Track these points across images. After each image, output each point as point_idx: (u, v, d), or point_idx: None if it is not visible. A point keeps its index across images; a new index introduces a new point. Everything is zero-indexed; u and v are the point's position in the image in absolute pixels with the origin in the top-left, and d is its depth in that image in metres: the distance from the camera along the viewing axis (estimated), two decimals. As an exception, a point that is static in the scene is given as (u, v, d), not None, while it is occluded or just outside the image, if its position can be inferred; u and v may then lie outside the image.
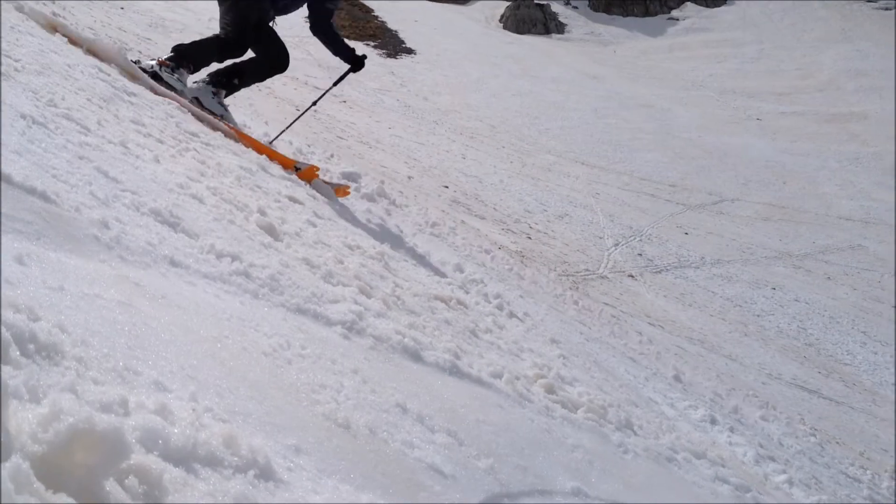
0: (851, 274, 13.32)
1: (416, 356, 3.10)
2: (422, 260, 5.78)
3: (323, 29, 6.16)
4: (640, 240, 12.84)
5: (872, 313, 11.62)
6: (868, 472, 5.81)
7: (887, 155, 20.64)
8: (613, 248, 11.91)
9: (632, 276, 10.64)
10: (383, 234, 5.98)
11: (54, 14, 5.50)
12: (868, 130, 22.68)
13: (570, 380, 3.86)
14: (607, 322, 7.44)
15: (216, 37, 5.92)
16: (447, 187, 11.95)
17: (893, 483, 5.89)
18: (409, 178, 11.38)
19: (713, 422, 4.87)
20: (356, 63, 6.41)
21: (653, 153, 19.21)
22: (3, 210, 2.18)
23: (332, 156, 9.14)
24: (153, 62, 5.75)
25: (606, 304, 8.67)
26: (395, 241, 6.04)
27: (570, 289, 8.70)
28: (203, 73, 6.04)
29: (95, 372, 1.67)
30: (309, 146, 9.10)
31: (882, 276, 13.41)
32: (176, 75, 5.72)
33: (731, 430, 4.89)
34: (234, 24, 5.85)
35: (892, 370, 9.54)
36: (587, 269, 10.18)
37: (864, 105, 24.91)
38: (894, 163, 19.12)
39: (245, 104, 10.30)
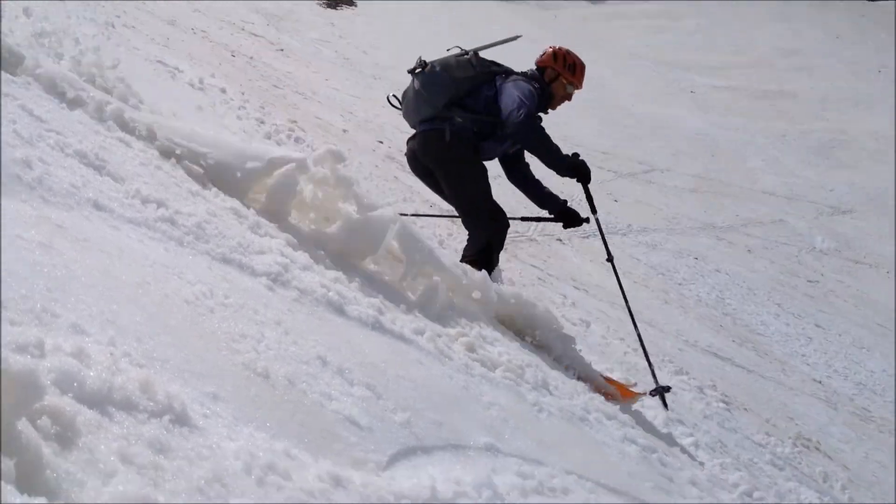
0: (771, 248, 13.74)
1: (339, 310, 3.13)
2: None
3: (521, 176, 5.43)
4: (570, 205, 12.97)
5: (788, 286, 12.03)
6: (772, 438, 6.06)
7: (813, 133, 21.23)
8: (544, 212, 12.04)
9: (560, 241, 10.79)
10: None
11: None
12: (796, 109, 23.26)
13: (491, 339, 3.94)
14: (533, 284, 7.57)
15: (483, 231, 5.05)
16: (382, 143, 11.90)
17: (796, 450, 6.16)
18: (344, 131, 11.30)
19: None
20: (566, 218, 5.49)
21: (587, 120, 19.39)
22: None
23: (263, 105, 9.01)
24: None
25: (534, 266, 8.80)
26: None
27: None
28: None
29: (13, 313, 1.67)
30: (243, 94, 8.97)
31: (800, 251, 13.86)
32: None
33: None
34: (484, 202, 5.10)
35: (804, 342, 9.92)
36: (517, 232, 10.29)
37: (795, 84, 25.50)
38: None
39: (181, 48, 10.08)
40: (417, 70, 5.10)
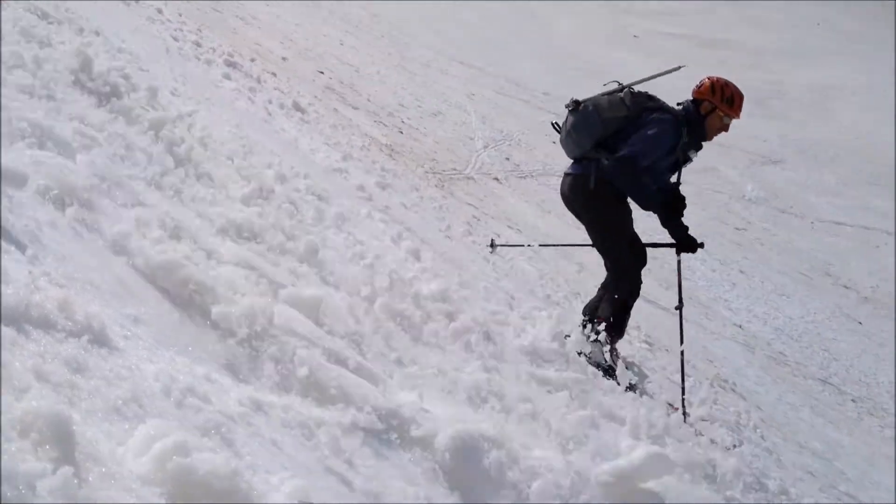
0: (702, 195, 13.99)
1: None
2: (290, 146, 5.74)
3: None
4: (510, 144, 13.03)
5: (716, 233, 12.29)
6: (690, 378, 6.24)
7: (750, 83, 21.50)
8: (482, 150, 12.06)
9: (497, 180, 10.85)
10: (249, 117, 5.89)
11: None
12: (736, 57, 23.47)
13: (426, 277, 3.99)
14: (467, 222, 7.62)
15: (625, 284, 4.99)
16: (322, 73, 11.72)
17: (713, 390, 6.37)
18: (284, 59, 11.09)
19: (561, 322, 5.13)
20: (683, 243, 5.24)
21: (531, 60, 19.33)
22: None
23: (200, 28, 8.77)
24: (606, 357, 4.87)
25: (469, 204, 8.84)
26: (263, 125, 5.96)
27: (436, 186, 8.82)
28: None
29: (-74, 227, 1.64)
30: (180, 15, 8.71)
31: (730, 199, 14.15)
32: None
33: (570, 334, 5.16)
34: (628, 249, 5.00)
35: (728, 287, 10.19)
36: (454, 169, 10.31)
37: (737, 33, 25.73)
38: None
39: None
40: (570, 108, 5.04)
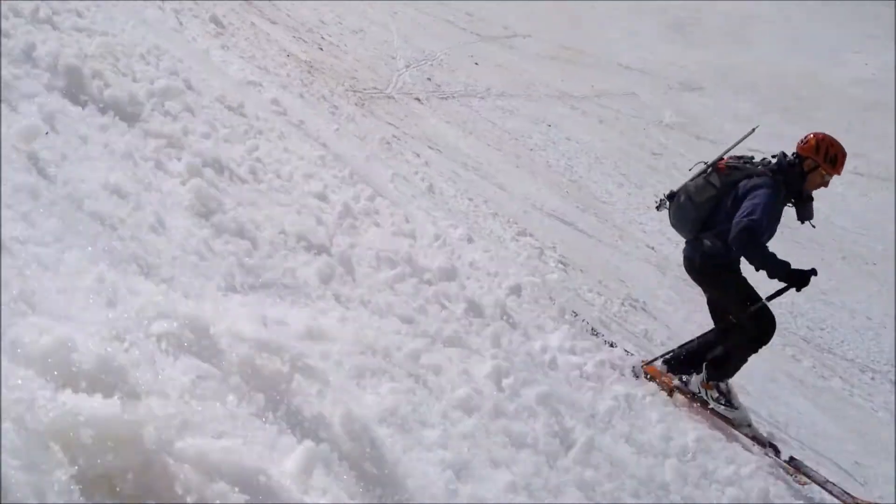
0: (622, 119, 14.18)
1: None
2: (201, 57, 5.58)
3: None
4: (432, 65, 12.93)
5: (634, 158, 12.52)
6: (602, 297, 6.42)
7: (670, 10, 21.66)
8: (404, 70, 11.94)
9: (418, 100, 10.77)
10: (158, 26, 5.69)
11: None
12: (657, -17, 23.58)
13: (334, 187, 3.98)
14: (387, 141, 7.57)
15: (742, 336, 4.76)
16: (239, -14, 11.34)
17: (623, 309, 6.57)
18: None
19: (469, 241, 5.19)
20: (799, 280, 4.81)
21: (454, -22, 19.09)
22: None
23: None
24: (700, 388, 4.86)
25: (390, 123, 8.78)
26: (173, 35, 5.77)
27: (356, 105, 8.71)
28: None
29: None
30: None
31: (648, 124, 14.37)
32: (724, 401, 4.81)
33: (485, 250, 5.24)
34: (747, 297, 4.74)
35: (643, 210, 10.42)
36: (375, 88, 10.19)
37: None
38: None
39: None
40: (670, 201, 4.98)
